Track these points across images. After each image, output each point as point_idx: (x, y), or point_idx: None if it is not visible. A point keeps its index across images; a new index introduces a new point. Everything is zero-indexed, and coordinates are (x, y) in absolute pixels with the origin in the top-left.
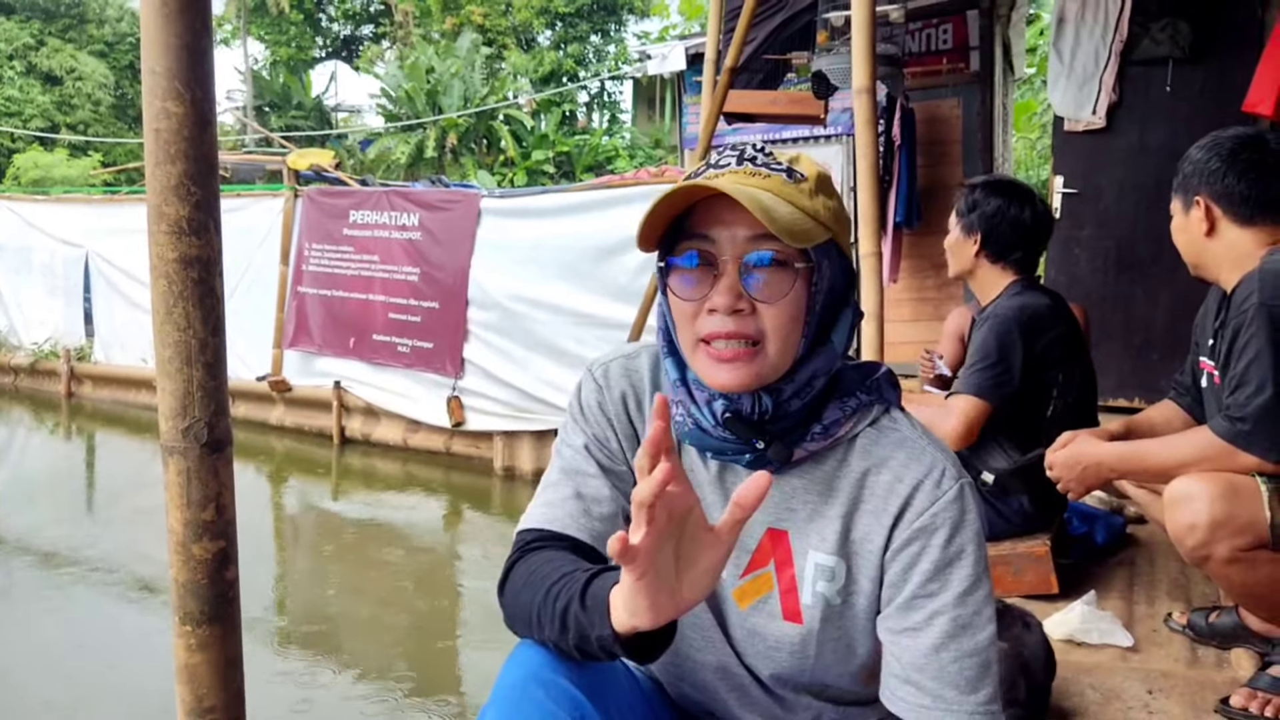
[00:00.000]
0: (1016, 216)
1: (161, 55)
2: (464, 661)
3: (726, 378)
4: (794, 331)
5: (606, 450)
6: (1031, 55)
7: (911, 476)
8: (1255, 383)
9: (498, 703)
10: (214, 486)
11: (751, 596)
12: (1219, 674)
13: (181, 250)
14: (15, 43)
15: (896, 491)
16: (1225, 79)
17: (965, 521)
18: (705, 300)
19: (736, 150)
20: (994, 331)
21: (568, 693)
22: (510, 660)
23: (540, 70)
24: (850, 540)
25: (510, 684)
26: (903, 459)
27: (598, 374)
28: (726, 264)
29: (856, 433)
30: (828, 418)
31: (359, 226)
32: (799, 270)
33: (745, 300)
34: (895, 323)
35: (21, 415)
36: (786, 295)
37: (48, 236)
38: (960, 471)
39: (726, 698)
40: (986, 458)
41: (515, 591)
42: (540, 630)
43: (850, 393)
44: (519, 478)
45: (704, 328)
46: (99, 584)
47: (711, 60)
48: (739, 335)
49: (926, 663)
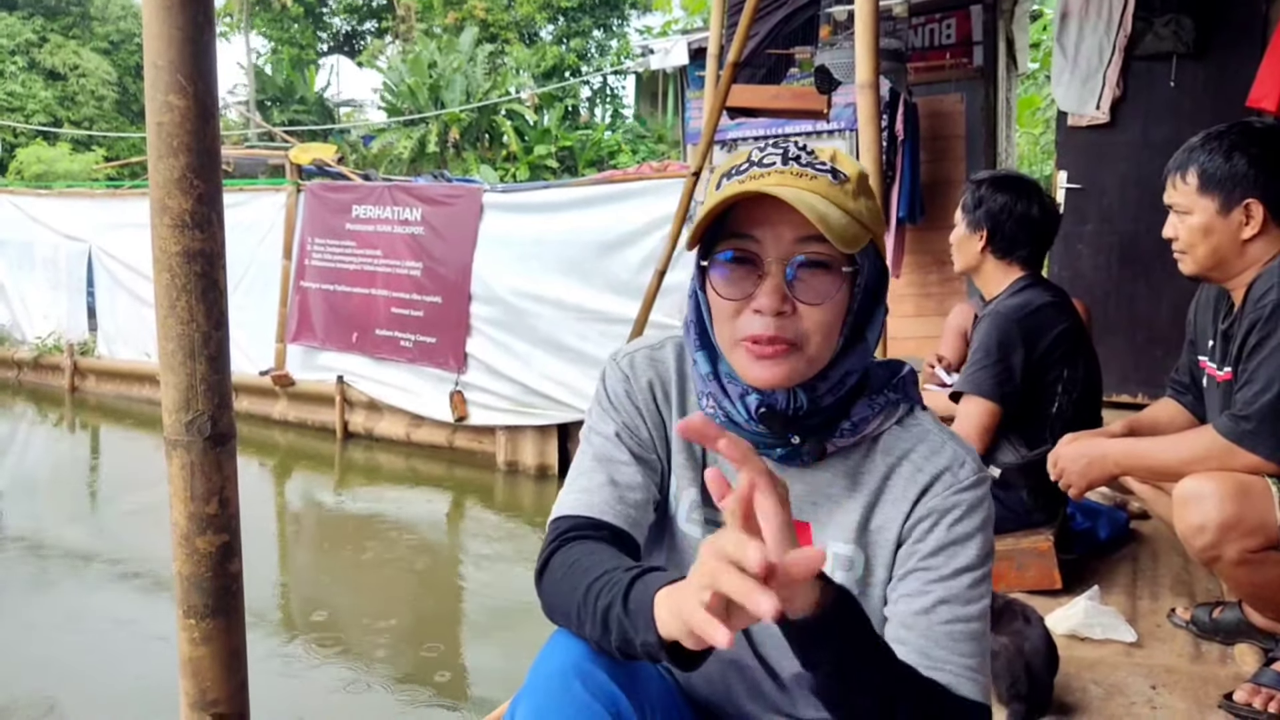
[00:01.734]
0: (1024, 212)
1: (164, 48)
2: (467, 655)
3: (765, 374)
4: (833, 332)
5: (637, 438)
6: (1035, 50)
7: (932, 468)
8: (1262, 381)
9: (536, 691)
10: (217, 480)
11: None
12: (1223, 669)
13: (184, 244)
14: (18, 38)
15: (916, 481)
16: (1229, 74)
17: (978, 510)
18: (750, 300)
19: (780, 148)
20: (994, 329)
21: (606, 687)
22: (549, 649)
23: (542, 65)
24: (869, 530)
25: (549, 674)
26: (925, 452)
27: (624, 364)
28: (771, 265)
29: (883, 430)
30: (856, 414)
31: (361, 221)
32: (845, 274)
33: (790, 302)
34: (898, 318)
35: (25, 409)
36: (832, 299)
37: (51, 231)
38: (980, 467)
39: (737, 691)
40: (995, 453)
41: (554, 582)
42: (581, 627)
43: (879, 390)
44: (521, 472)
45: (746, 328)
46: (103, 578)
47: (714, 55)
48: (781, 338)
49: (916, 621)
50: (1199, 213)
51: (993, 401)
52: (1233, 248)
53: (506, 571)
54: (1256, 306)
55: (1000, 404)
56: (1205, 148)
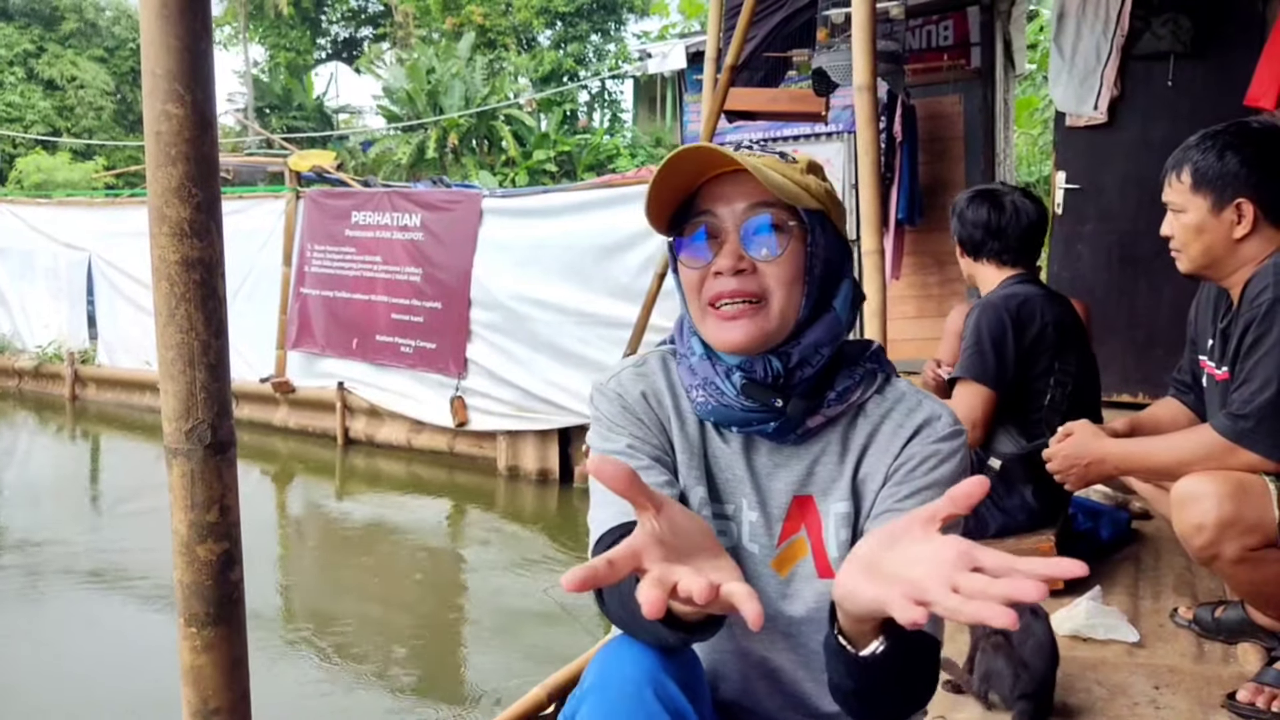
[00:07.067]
0: (974, 215)
1: (161, 57)
2: (470, 661)
3: (734, 335)
4: (795, 290)
5: (649, 444)
6: (1033, 51)
7: (912, 422)
8: (1260, 380)
9: (607, 695)
10: (218, 488)
11: (790, 563)
12: (1225, 669)
13: (183, 252)
14: (16, 48)
15: (899, 435)
16: (1226, 73)
17: (953, 459)
18: (711, 266)
19: (731, 144)
20: (984, 317)
21: (676, 699)
22: (616, 654)
23: (541, 70)
24: (857, 482)
25: (622, 679)
26: (905, 409)
27: (612, 385)
28: (728, 232)
29: (866, 398)
30: (839, 384)
31: (361, 227)
32: (793, 229)
33: (747, 261)
34: (898, 320)
35: (26, 418)
36: (784, 253)
37: (51, 240)
38: (956, 420)
39: (757, 690)
40: (993, 443)
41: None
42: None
43: (856, 362)
44: (522, 477)
45: (710, 290)
46: (104, 586)
47: (712, 58)
48: (742, 293)
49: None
50: (1192, 211)
51: (987, 386)
52: (1225, 246)
53: (509, 576)
54: (1252, 306)
55: (994, 389)
56: (1200, 147)
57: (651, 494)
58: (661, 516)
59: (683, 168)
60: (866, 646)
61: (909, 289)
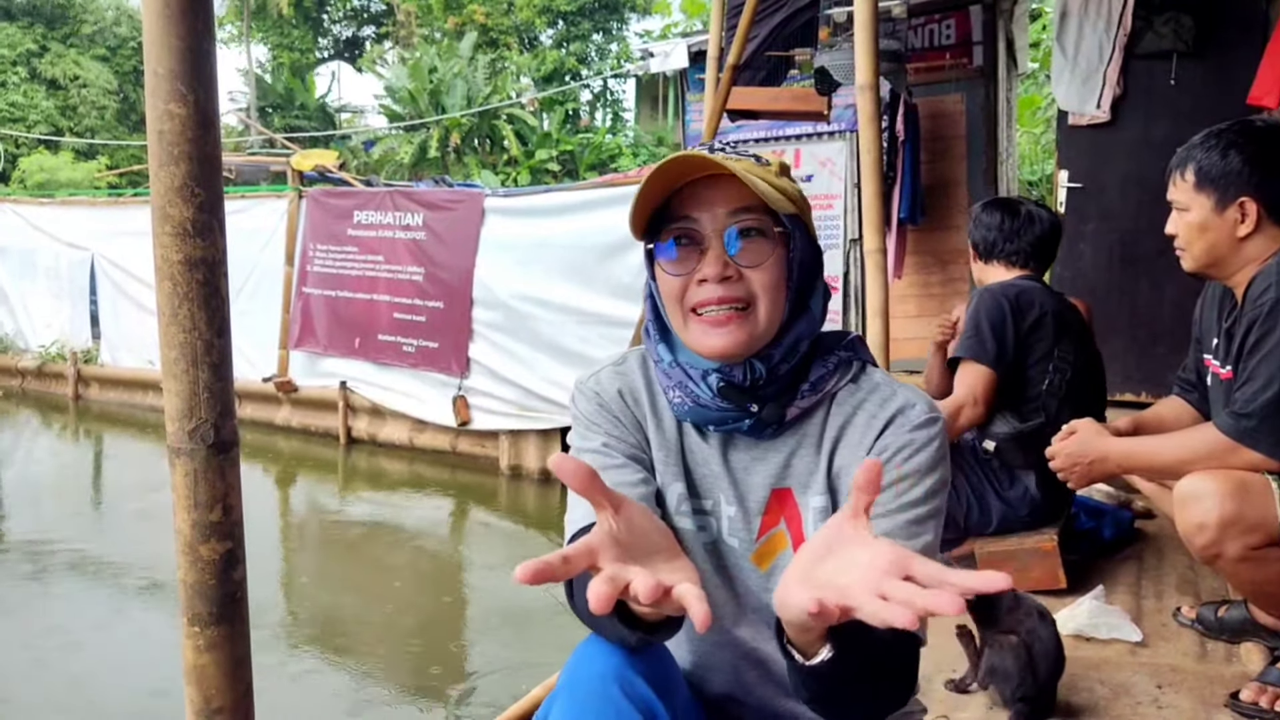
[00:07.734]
0: (989, 219)
1: (164, 56)
2: (472, 660)
3: (721, 342)
4: (779, 295)
5: (625, 443)
6: (1035, 50)
7: (885, 413)
8: (1263, 379)
9: (575, 693)
10: (221, 487)
11: (770, 557)
12: (1228, 668)
13: (186, 252)
14: (19, 48)
15: (872, 426)
16: (1229, 72)
17: (929, 448)
18: (694, 273)
19: (704, 146)
20: (983, 302)
21: (643, 694)
22: (585, 653)
23: (543, 69)
24: (832, 475)
25: (589, 677)
26: (878, 400)
27: (590, 384)
28: (711, 238)
29: (840, 388)
30: (814, 375)
31: (363, 227)
32: (777, 235)
33: (732, 267)
34: (900, 319)
35: (29, 418)
36: (769, 259)
37: (53, 239)
38: (933, 408)
39: (749, 679)
40: (988, 426)
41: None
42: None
43: (830, 350)
44: (525, 476)
45: (695, 297)
46: (107, 585)
47: (714, 58)
48: (730, 300)
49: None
50: (1196, 209)
51: (987, 366)
52: (1229, 245)
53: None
54: (1255, 304)
55: (994, 369)
56: (1204, 145)
57: (610, 493)
58: (619, 516)
59: (670, 172)
60: (815, 655)
61: (911, 288)
